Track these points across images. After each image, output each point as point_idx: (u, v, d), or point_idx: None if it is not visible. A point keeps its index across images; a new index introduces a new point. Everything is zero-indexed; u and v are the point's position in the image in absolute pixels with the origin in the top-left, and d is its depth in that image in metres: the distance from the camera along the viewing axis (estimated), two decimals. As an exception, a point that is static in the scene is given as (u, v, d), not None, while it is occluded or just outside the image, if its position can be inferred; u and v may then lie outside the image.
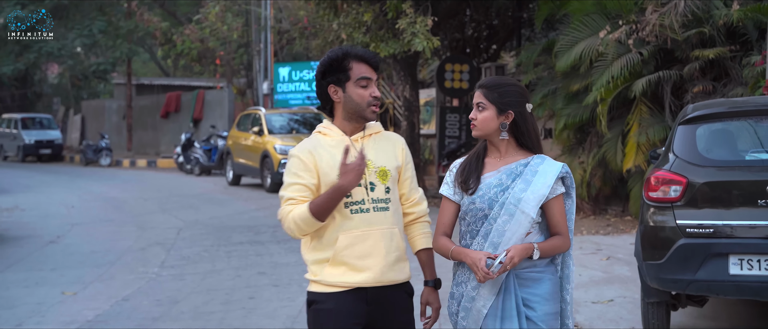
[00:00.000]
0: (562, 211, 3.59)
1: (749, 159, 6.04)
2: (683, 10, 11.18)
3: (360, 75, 3.58)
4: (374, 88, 3.63)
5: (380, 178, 3.63)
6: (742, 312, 7.09)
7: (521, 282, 3.52)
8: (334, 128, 3.67)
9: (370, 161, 3.62)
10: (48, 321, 7.51)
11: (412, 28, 13.21)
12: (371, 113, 3.63)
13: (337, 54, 3.62)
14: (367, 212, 3.56)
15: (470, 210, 3.57)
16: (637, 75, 11.55)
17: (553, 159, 3.61)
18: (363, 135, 3.67)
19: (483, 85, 3.63)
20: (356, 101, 3.59)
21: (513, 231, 3.48)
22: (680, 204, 5.91)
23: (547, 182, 3.52)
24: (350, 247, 3.54)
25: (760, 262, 5.66)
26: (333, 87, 3.61)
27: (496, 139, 3.60)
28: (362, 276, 3.53)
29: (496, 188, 3.54)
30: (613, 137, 12.19)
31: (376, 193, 3.60)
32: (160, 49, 30.08)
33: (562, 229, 3.58)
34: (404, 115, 17.94)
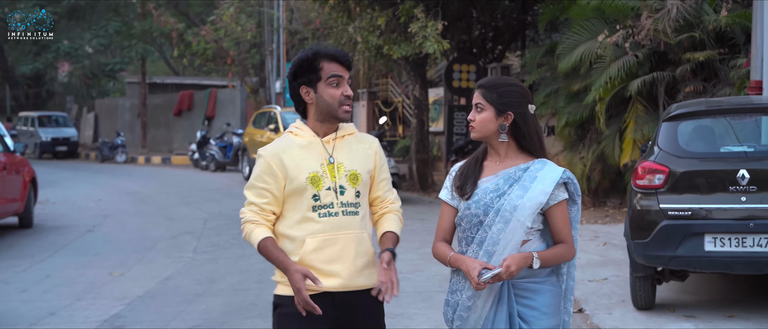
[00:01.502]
0: (566, 218, 3.43)
1: (723, 151, 6.94)
2: (676, 15, 12.06)
3: (331, 73, 3.52)
4: (346, 87, 3.57)
5: (350, 182, 3.56)
6: (720, 287, 7.99)
7: (518, 293, 3.39)
8: (305, 129, 3.60)
9: (341, 164, 3.57)
10: (103, 296, 8.43)
11: (424, 32, 14.12)
12: (344, 112, 3.56)
13: (308, 54, 3.56)
14: (336, 215, 3.51)
15: (465, 216, 3.45)
16: (633, 76, 12.43)
17: (555, 164, 3.46)
18: (335, 136, 3.60)
19: (482, 85, 3.50)
20: (327, 100, 3.53)
21: (508, 240, 3.35)
22: (663, 190, 6.81)
23: (546, 189, 3.37)
24: (317, 251, 3.48)
25: (731, 240, 6.55)
26: (304, 88, 3.55)
27: (496, 141, 3.46)
28: (330, 282, 3.48)
29: (492, 193, 3.41)
30: (611, 134, 13.07)
31: (346, 197, 3.54)
32: (175, 49, 30.93)
33: (565, 237, 3.42)
34: (414, 113, 18.84)
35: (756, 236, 6.50)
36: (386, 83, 27.93)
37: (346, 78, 3.56)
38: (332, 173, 3.54)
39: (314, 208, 3.49)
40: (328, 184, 3.52)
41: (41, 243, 11.87)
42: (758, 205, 6.52)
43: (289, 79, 3.58)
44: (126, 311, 7.84)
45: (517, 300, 3.38)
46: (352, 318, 3.52)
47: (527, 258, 3.31)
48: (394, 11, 15.32)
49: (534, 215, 3.36)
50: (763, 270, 6.62)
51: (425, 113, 18.80)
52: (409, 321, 7.20)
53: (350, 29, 15.70)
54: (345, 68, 3.56)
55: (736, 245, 6.55)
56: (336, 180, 3.53)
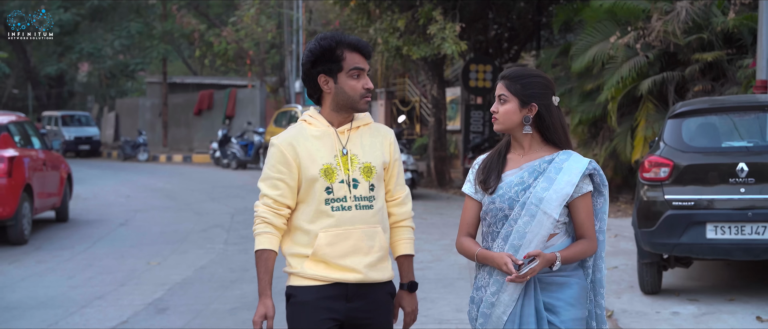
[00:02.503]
0: (589, 211, 3.36)
1: (724, 146, 7.46)
2: (685, 17, 12.56)
3: (353, 65, 3.44)
4: (367, 79, 3.49)
5: (364, 175, 3.49)
6: (723, 274, 8.50)
7: (544, 287, 3.34)
8: (320, 118, 3.52)
9: (355, 156, 3.49)
10: (145, 283, 9.02)
11: (442, 34, 14.67)
12: (364, 104, 3.49)
13: (330, 42, 3.44)
14: (349, 209, 3.44)
15: (490, 210, 3.38)
16: (643, 76, 12.93)
17: (580, 155, 3.39)
18: (350, 127, 3.52)
19: (505, 76, 3.41)
20: (349, 93, 3.45)
21: (534, 233, 3.29)
22: (668, 183, 7.33)
23: (572, 180, 3.30)
24: (331, 246, 3.43)
25: (730, 228, 7.07)
26: (324, 77, 3.46)
27: (519, 133, 3.39)
28: (346, 275, 3.44)
29: (517, 186, 3.35)
30: (623, 132, 13.57)
31: (359, 190, 3.47)
32: (197, 50, 31.59)
33: (587, 231, 3.36)
34: (432, 112, 19.38)
35: (754, 225, 7.02)
36: (403, 83, 28.49)
37: (366, 70, 3.48)
38: (346, 166, 3.46)
39: (327, 201, 3.43)
40: (341, 177, 3.45)
41: (79, 236, 12.48)
42: (756, 196, 7.04)
43: (306, 66, 3.47)
44: (167, 295, 8.42)
45: (543, 294, 3.33)
46: (365, 311, 3.47)
47: (550, 259, 3.26)
48: (413, 13, 15.87)
49: (561, 208, 3.29)
50: (761, 256, 7.13)
51: (443, 112, 19.34)
52: (431, 304, 7.73)
53: (371, 31, 16.26)
54: (366, 59, 3.49)
55: (736, 233, 7.07)
56: (349, 173, 3.45)
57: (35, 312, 7.76)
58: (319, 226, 3.42)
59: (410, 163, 16.55)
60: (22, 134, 12.55)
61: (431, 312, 7.42)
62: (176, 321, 7.38)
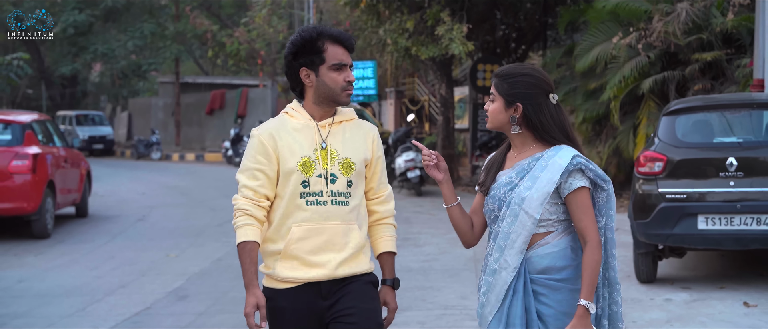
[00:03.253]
0: (583, 207, 3.19)
1: (716, 142, 7.87)
2: (685, 18, 12.93)
3: (335, 60, 3.40)
4: (349, 72, 3.43)
5: (343, 170, 3.44)
6: (715, 264, 8.89)
7: (535, 290, 3.24)
8: (302, 111, 3.49)
9: (335, 151, 3.45)
10: (165, 273, 9.46)
11: (450, 35, 15.09)
12: (345, 97, 3.44)
13: (311, 34, 3.41)
14: (324, 204, 3.40)
15: (486, 212, 3.37)
16: (645, 75, 13.31)
17: (571, 149, 3.24)
18: (332, 122, 3.48)
19: (497, 74, 3.34)
20: (330, 85, 3.41)
21: (517, 233, 3.22)
22: (662, 176, 7.74)
23: (553, 178, 3.19)
24: (303, 240, 3.38)
25: (720, 219, 7.47)
26: (305, 70, 3.42)
27: (510, 133, 3.33)
28: (314, 272, 3.39)
29: (505, 186, 3.29)
30: (626, 130, 13.96)
31: (337, 186, 3.42)
32: (210, 50, 32.10)
33: (585, 231, 3.19)
34: (440, 111, 19.80)
35: (742, 216, 7.41)
36: (412, 82, 28.90)
37: (348, 63, 3.42)
38: (325, 160, 3.42)
39: (302, 195, 3.39)
40: (319, 171, 3.41)
41: (98, 230, 12.94)
42: (745, 189, 7.44)
43: (288, 58, 3.45)
44: (187, 284, 8.86)
45: (535, 296, 3.23)
46: (344, 305, 3.41)
47: (583, 317, 3.12)
48: (421, 15, 16.29)
49: (541, 207, 3.19)
50: (749, 246, 7.53)
51: (451, 111, 19.76)
52: (437, 292, 8.15)
53: (381, 32, 16.68)
54: (348, 52, 3.44)
55: (725, 224, 7.47)
56: (328, 167, 3.42)
57: (64, 299, 8.21)
58: (293, 220, 3.38)
59: (419, 161, 16.95)
60: (44, 132, 13.01)
61: (437, 299, 7.84)
62: (197, 307, 7.82)
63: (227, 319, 7.32)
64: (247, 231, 3.38)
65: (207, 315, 7.56)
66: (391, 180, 18.44)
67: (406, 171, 16.81)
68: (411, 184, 16.97)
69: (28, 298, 8.33)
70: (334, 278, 3.40)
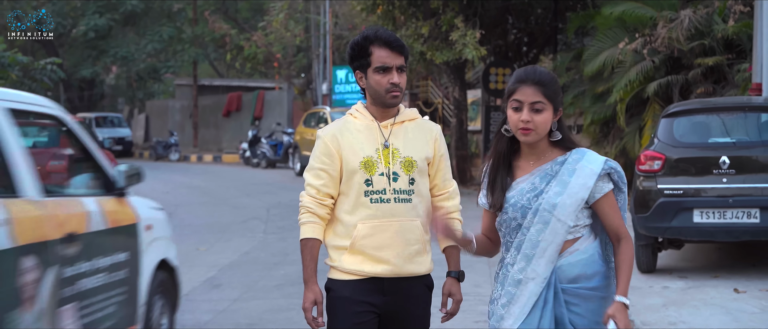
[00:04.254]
0: (616, 209, 3.14)
1: (710, 142, 8.49)
2: (688, 25, 13.55)
3: (379, 63, 3.50)
4: (393, 74, 3.51)
5: (404, 168, 3.55)
6: (712, 256, 9.52)
7: (567, 300, 3.14)
8: (365, 112, 3.62)
9: (397, 150, 3.56)
10: (197, 265, 10.15)
11: (463, 40, 15.74)
12: (391, 98, 3.53)
13: (359, 39, 3.56)
14: (388, 202, 3.51)
15: (504, 221, 3.23)
16: (650, 79, 13.93)
17: (594, 153, 3.18)
18: (393, 122, 3.59)
19: (538, 81, 3.12)
20: (375, 88, 3.53)
21: (548, 241, 3.11)
22: (660, 174, 8.37)
23: (587, 183, 3.09)
24: (369, 237, 3.50)
25: (714, 213, 8.10)
26: (358, 73, 3.58)
27: (543, 141, 3.18)
28: (379, 268, 3.51)
29: (529, 193, 3.16)
30: (632, 131, 14.58)
31: (399, 183, 3.53)
32: (228, 53, 32.87)
33: (618, 229, 3.13)
34: (454, 113, 20.45)
35: (734, 210, 8.04)
36: (426, 85, 29.56)
37: (395, 65, 3.51)
38: (387, 159, 3.53)
39: (366, 193, 3.51)
40: (381, 169, 3.52)
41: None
42: (737, 185, 8.07)
43: (349, 62, 3.64)
44: (219, 275, 9.54)
45: (566, 306, 3.14)
46: (401, 304, 3.55)
47: (621, 309, 3.02)
48: (436, 21, 16.95)
49: (576, 213, 3.11)
50: (740, 237, 8.16)
51: (464, 113, 20.41)
52: (452, 281, 8.78)
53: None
54: (396, 54, 3.52)
55: (719, 217, 8.09)
56: (390, 166, 3.52)
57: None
58: (358, 217, 3.50)
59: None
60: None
61: (452, 287, 8.48)
62: (231, 294, 8.51)
63: (261, 304, 8.00)
64: (309, 229, 3.55)
65: (241, 300, 8.24)
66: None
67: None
68: (425, 183, 17.64)
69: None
70: (398, 275, 3.52)
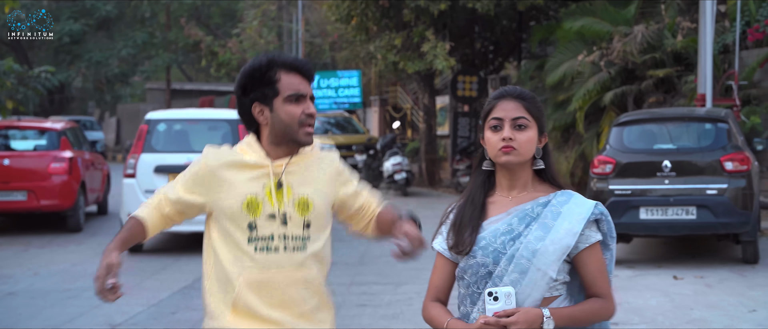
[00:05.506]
0: (601, 265, 2.67)
1: (655, 148, 9.63)
2: (641, 39, 14.73)
3: (291, 90, 2.92)
4: (308, 103, 2.96)
5: (298, 210, 2.96)
6: (658, 250, 10.67)
7: None
8: (257, 148, 3.00)
9: (290, 186, 2.97)
10: (196, 257, 11.12)
11: (434, 51, 16.84)
12: (304, 135, 2.95)
13: (261, 62, 2.94)
14: (275, 251, 2.91)
15: (470, 267, 2.72)
16: (606, 89, 15.10)
17: (582, 196, 2.74)
18: (289, 161, 2.99)
19: (521, 95, 2.76)
20: (286, 121, 2.92)
21: (525, 294, 2.63)
22: (612, 176, 9.49)
23: (574, 229, 2.64)
24: (254, 293, 2.90)
25: (657, 211, 9.24)
26: (258, 106, 2.94)
27: (525, 170, 2.76)
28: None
29: (504, 236, 2.69)
30: (590, 137, 15.74)
31: (291, 228, 2.94)
32: (203, 59, 33.74)
33: (600, 288, 2.66)
34: (423, 119, 21.56)
35: (674, 208, 9.18)
36: (395, 91, 30.65)
37: (308, 94, 2.95)
38: (275, 198, 2.94)
39: (250, 240, 2.90)
40: (269, 211, 2.92)
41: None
42: (677, 186, 9.21)
43: (238, 92, 2.98)
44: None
45: None
46: None
47: (537, 317, 2.57)
48: (408, 33, 18.04)
49: (559, 263, 2.64)
50: (679, 232, 9.30)
51: (433, 119, 21.51)
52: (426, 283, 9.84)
53: (371, 48, 18.41)
54: (307, 81, 2.96)
55: (661, 214, 9.23)
56: (280, 207, 2.93)
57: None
58: (240, 269, 2.90)
59: (405, 164, 18.68)
60: (74, 137, 14.61)
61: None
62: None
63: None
64: (141, 210, 3.01)
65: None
66: (380, 182, 20.20)
67: (394, 174, 18.53)
68: (398, 185, 18.70)
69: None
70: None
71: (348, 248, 11.61)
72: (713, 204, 9.07)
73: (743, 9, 13.89)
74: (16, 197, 12.97)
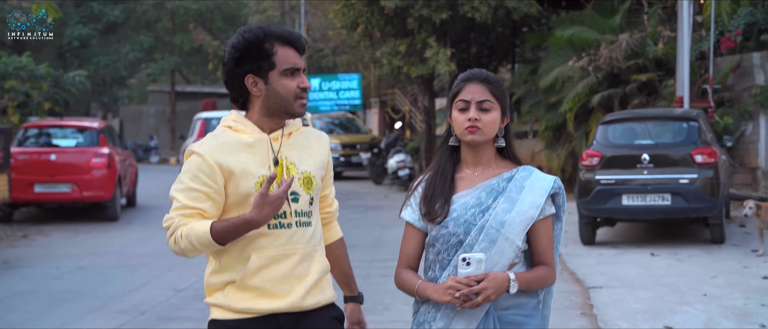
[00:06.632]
0: (550, 236, 2.97)
1: (635, 143, 11.07)
2: (626, 47, 16.18)
3: (287, 64, 2.94)
4: (303, 77, 2.98)
5: (304, 187, 3.02)
6: (637, 233, 12.12)
7: (503, 328, 2.90)
8: (248, 124, 2.99)
9: (293, 165, 3.01)
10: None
11: (436, 57, 18.27)
12: (299, 107, 2.99)
13: (257, 35, 2.92)
14: (289, 227, 2.96)
15: (441, 236, 2.94)
16: (594, 92, 16.54)
17: (541, 172, 3.02)
18: (282, 133, 3.02)
19: (487, 79, 2.97)
20: (282, 94, 2.95)
21: (494, 262, 2.87)
22: (598, 167, 10.92)
23: (537, 202, 2.92)
24: (265, 269, 2.93)
25: (637, 197, 10.67)
26: (251, 77, 2.94)
27: (487, 148, 2.99)
28: (278, 303, 2.95)
29: (473, 208, 2.93)
30: (579, 136, 17.17)
31: (300, 205, 2.99)
32: (210, 63, 35.10)
33: (547, 258, 2.96)
34: (423, 119, 23.02)
35: (652, 195, 10.61)
36: (393, 93, 32.08)
37: (303, 67, 3.01)
38: (280, 176, 2.98)
39: None
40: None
41: (153, 216, 15.94)
42: (654, 176, 10.64)
43: (230, 64, 2.96)
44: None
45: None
46: None
47: (504, 281, 2.84)
48: (411, 39, 19.47)
49: (524, 233, 2.92)
50: (657, 216, 10.74)
51: (433, 120, 22.97)
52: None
53: (377, 53, 19.83)
54: (300, 54, 3.00)
55: (641, 201, 10.67)
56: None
57: (161, 259, 11.21)
58: (252, 247, 2.93)
59: (408, 161, 20.12)
60: (109, 135, 15.99)
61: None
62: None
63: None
64: (202, 223, 2.87)
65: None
66: (384, 178, 21.66)
67: (397, 170, 19.98)
68: (401, 181, 20.14)
69: (137, 257, 11.34)
70: (299, 310, 3.00)
71: (363, 233, 13.03)
72: (685, 192, 10.51)
73: (717, 20, 15.33)
74: (61, 189, 14.36)
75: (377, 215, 15.54)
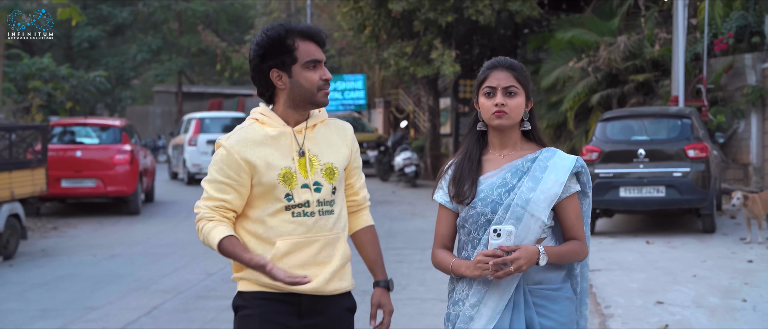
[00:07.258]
0: (578, 212, 3.10)
1: (632, 139, 11.80)
2: (624, 48, 16.91)
3: (308, 57, 3.10)
4: (324, 69, 3.14)
5: (327, 177, 3.18)
6: (634, 223, 12.84)
7: (534, 301, 3.04)
8: (274, 117, 3.17)
9: (315, 157, 3.17)
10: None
11: (441, 58, 19.00)
12: (323, 96, 3.13)
13: (279, 32, 3.09)
14: (312, 215, 3.13)
15: (471, 216, 3.08)
16: (593, 92, 17.28)
17: (564, 152, 3.15)
18: (306, 125, 3.19)
19: (512, 66, 3.11)
20: (306, 86, 3.10)
21: (521, 238, 2.99)
22: (597, 162, 11.64)
23: (560, 179, 3.03)
24: (289, 255, 3.11)
25: (634, 190, 11.40)
26: (276, 72, 3.11)
27: (515, 131, 3.13)
28: (302, 285, 3.05)
29: (500, 188, 3.06)
30: (579, 133, 17.90)
31: (322, 194, 3.16)
32: (218, 64, 35.80)
33: (578, 233, 3.09)
34: (428, 118, 23.74)
35: (647, 188, 11.34)
36: (397, 94, 32.81)
37: (323, 60, 3.16)
38: (305, 169, 3.16)
39: (287, 208, 3.12)
40: (302, 181, 3.14)
41: (171, 210, 16.66)
42: (649, 170, 11.37)
43: (255, 61, 3.14)
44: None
45: (535, 309, 3.05)
46: (320, 324, 3.20)
47: (533, 253, 2.96)
48: (417, 41, 20.21)
49: (549, 209, 3.04)
50: (652, 207, 11.47)
51: (437, 119, 23.69)
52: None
53: (385, 54, 20.56)
54: (321, 48, 3.17)
55: (637, 193, 11.39)
56: (310, 176, 3.16)
57: (187, 248, 11.92)
58: (277, 233, 3.12)
59: (414, 159, 20.86)
60: (130, 133, 16.71)
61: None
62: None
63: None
64: (220, 230, 3.08)
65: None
66: (390, 175, 22.40)
67: (404, 167, 20.71)
68: (408, 178, 20.87)
69: (164, 247, 12.06)
70: (320, 293, 3.17)
71: (375, 225, 13.72)
72: (678, 184, 11.23)
73: (711, 22, 16.06)
74: (87, 184, 15.08)
75: (387, 209, 16.24)
